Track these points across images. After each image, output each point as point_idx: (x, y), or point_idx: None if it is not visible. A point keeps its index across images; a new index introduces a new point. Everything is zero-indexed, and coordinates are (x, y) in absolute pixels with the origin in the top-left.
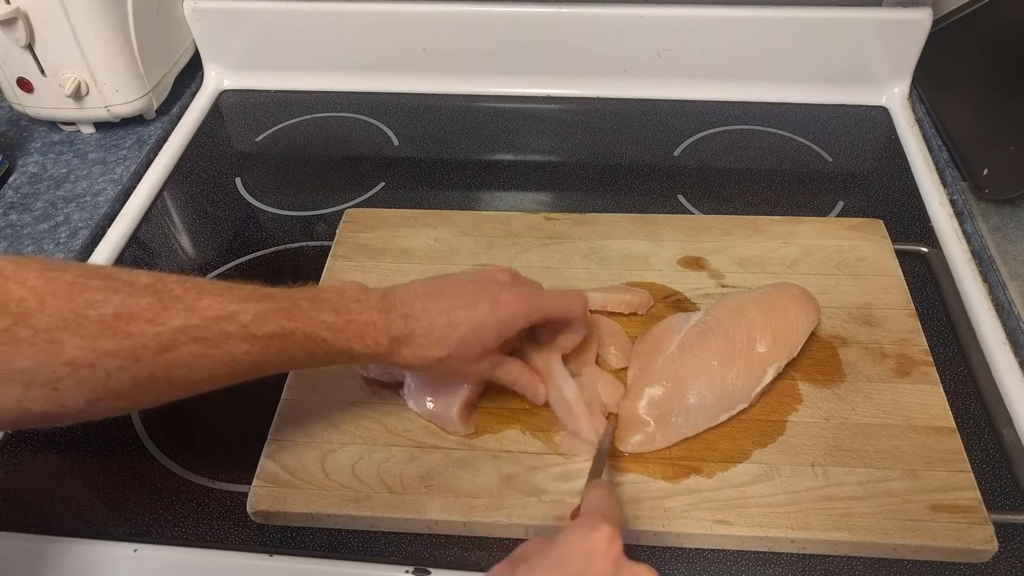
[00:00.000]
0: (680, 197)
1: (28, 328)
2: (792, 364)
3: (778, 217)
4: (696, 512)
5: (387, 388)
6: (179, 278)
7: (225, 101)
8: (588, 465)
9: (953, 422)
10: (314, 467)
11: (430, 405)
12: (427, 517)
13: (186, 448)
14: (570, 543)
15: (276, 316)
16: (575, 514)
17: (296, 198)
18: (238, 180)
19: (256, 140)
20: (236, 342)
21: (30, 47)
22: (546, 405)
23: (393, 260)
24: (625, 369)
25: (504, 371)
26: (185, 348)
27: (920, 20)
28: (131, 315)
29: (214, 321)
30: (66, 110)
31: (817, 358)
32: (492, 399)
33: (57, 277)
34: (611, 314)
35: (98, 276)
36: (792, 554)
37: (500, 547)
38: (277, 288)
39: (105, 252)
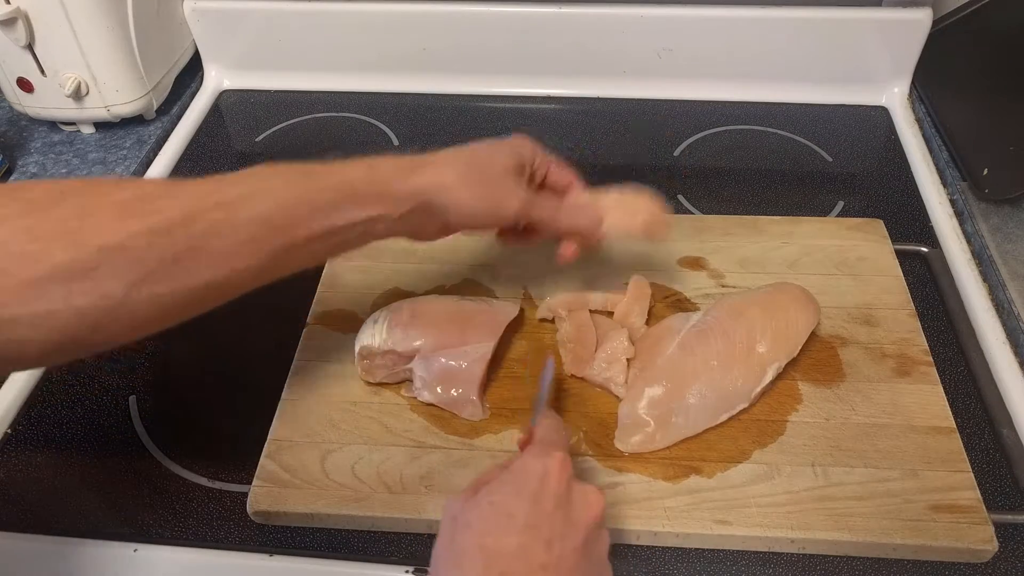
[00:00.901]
0: (680, 197)
1: (51, 220)
2: (792, 364)
3: (778, 217)
4: (696, 512)
5: (387, 388)
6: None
7: (225, 101)
8: (590, 464)
9: (953, 422)
10: (314, 467)
11: (451, 392)
12: (427, 517)
13: (186, 448)
14: (526, 467)
15: (296, 173)
16: (523, 444)
17: None
18: None
19: (256, 140)
20: (255, 203)
21: (30, 47)
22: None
23: (393, 260)
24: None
25: (541, 206)
26: (210, 215)
27: (920, 20)
28: (147, 196)
29: (230, 184)
30: (66, 110)
31: (817, 358)
32: (492, 399)
33: (66, 181)
34: (610, 314)
35: (108, 182)
36: (792, 554)
37: None
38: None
39: None
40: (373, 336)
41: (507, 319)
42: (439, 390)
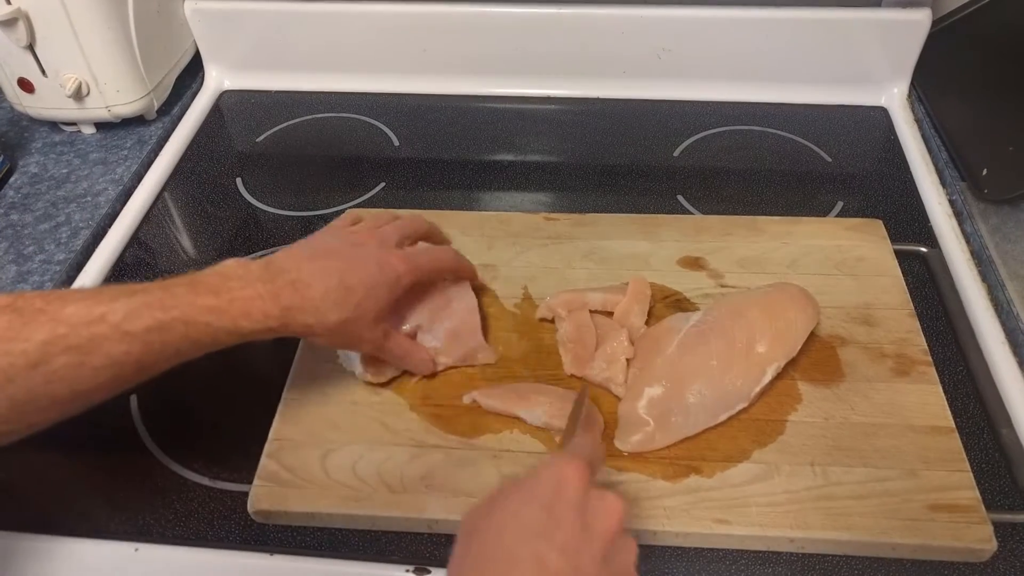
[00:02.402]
0: (680, 197)
1: None
2: (791, 364)
3: (778, 217)
4: (696, 511)
5: (387, 388)
6: (41, 293)
7: (226, 101)
8: None
9: (952, 422)
10: (314, 466)
11: (463, 346)
12: (427, 516)
13: (187, 447)
14: (541, 475)
15: (149, 309)
16: None
17: (297, 198)
18: (239, 180)
19: (257, 140)
20: (112, 343)
21: (31, 47)
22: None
23: None
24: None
25: (394, 343)
26: (58, 360)
27: (920, 20)
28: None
29: (83, 326)
30: (67, 110)
31: (816, 358)
32: None
33: None
34: (610, 314)
35: None
36: (791, 553)
37: None
38: (154, 282)
39: (106, 252)
40: None
41: (465, 261)
42: (453, 350)
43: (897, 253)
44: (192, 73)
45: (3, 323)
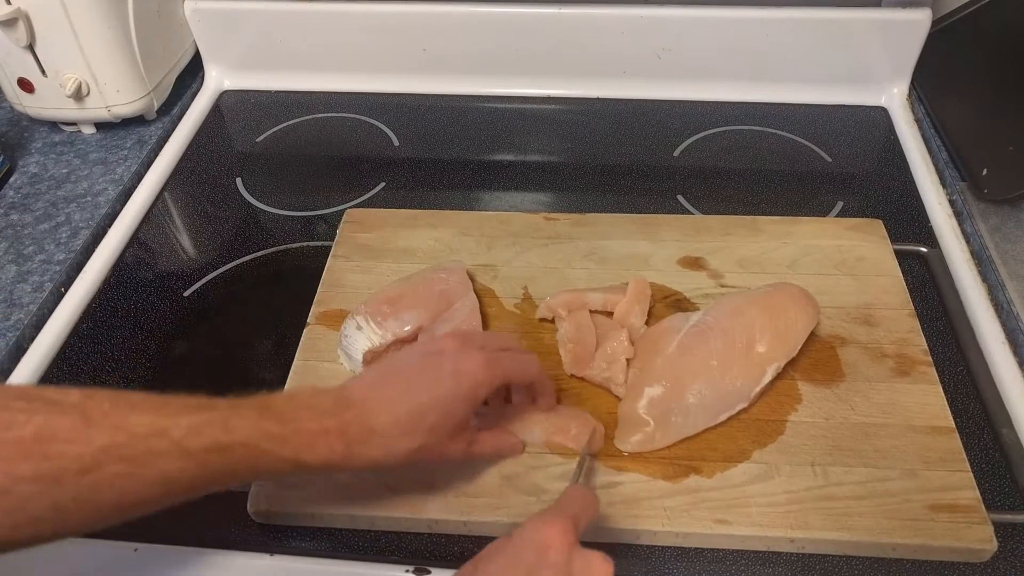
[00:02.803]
0: (680, 197)
1: None
2: (791, 364)
3: (777, 217)
4: (696, 511)
5: None
6: (111, 394)
7: (226, 101)
8: (590, 464)
9: (952, 422)
10: None
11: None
12: (427, 516)
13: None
14: (524, 537)
15: (212, 429)
16: None
17: (297, 198)
18: (239, 180)
19: (257, 140)
20: (168, 459)
21: (31, 47)
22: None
23: (394, 260)
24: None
25: (481, 447)
26: (110, 468)
27: (920, 20)
28: (52, 436)
29: (142, 438)
30: (67, 110)
31: (816, 358)
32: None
33: None
34: (610, 314)
35: (24, 398)
36: (792, 554)
37: None
38: (224, 398)
39: (106, 252)
40: (370, 339)
41: (463, 267)
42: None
43: (897, 253)
44: (192, 73)
45: (67, 423)
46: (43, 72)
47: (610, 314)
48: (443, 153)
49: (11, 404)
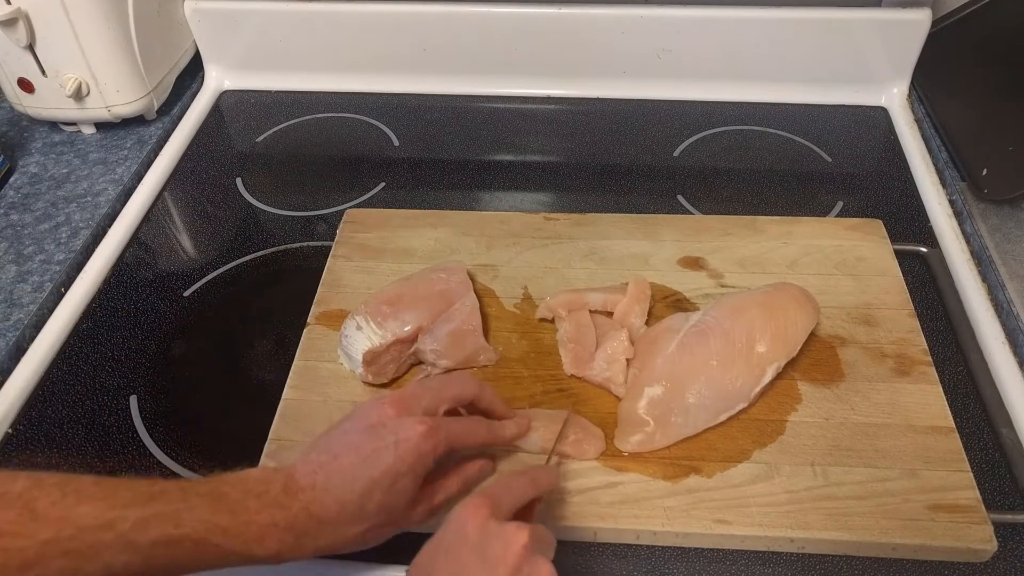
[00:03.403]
0: (680, 197)
1: None
2: (791, 364)
3: (777, 217)
4: (696, 511)
5: (387, 388)
6: (60, 480)
7: (226, 101)
8: (590, 464)
9: (952, 422)
10: None
11: (464, 349)
12: None
13: (187, 447)
14: (447, 520)
15: (161, 522)
16: None
17: (297, 198)
18: (239, 180)
19: (257, 140)
20: (114, 553)
21: (31, 47)
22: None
23: (393, 260)
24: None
25: (445, 494)
26: (53, 563)
27: (920, 20)
28: None
29: (89, 531)
30: (67, 110)
31: (816, 358)
32: None
33: None
34: (610, 314)
35: None
36: (792, 554)
37: None
38: (175, 483)
39: (106, 252)
40: (370, 339)
41: (463, 267)
42: (454, 352)
43: (897, 253)
44: (192, 73)
45: (11, 517)
46: (43, 72)
47: (610, 314)
48: (443, 153)
49: None
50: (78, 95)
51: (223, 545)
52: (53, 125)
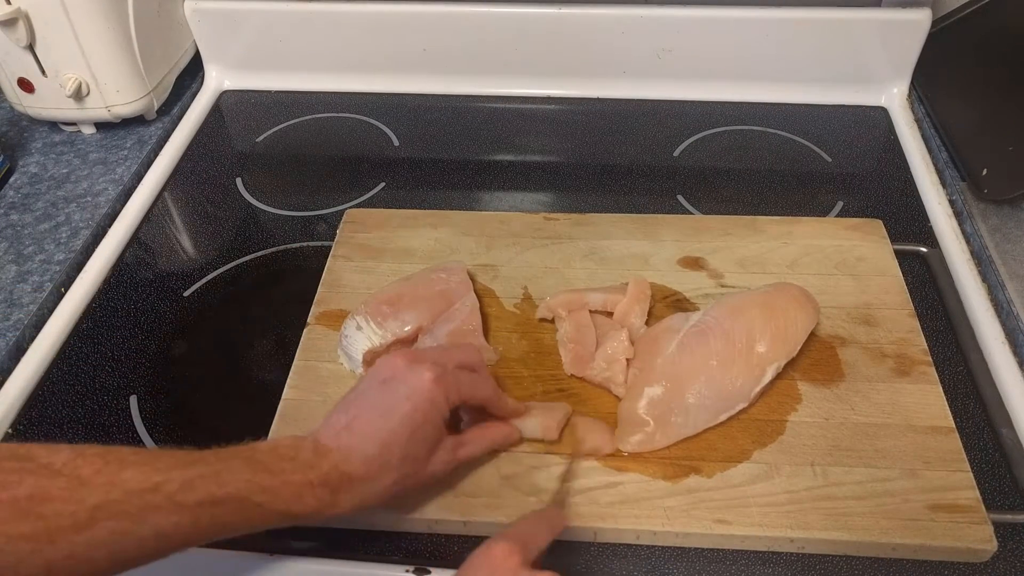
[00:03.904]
0: (680, 197)
1: None
2: (791, 364)
3: (777, 217)
4: (696, 511)
5: None
6: (101, 450)
7: (226, 101)
8: (590, 464)
9: (952, 422)
10: None
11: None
12: (427, 516)
13: (187, 447)
14: (472, 562)
15: (205, 482)
16: None
17: (297, 198)
18: (239, 180)
19: (257, 140)
20: (163, 514)
21: (31, 47)
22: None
23: (394, 260)
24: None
25: (468, 450)
26: (105, 525)
27: (920, 20)
28: (45, 496)
29: (136, 494)
30: (67, 110)
31: (816, 358)
32: None
33: None
34: (610, 314)
35: (14, 458)
36: (792, 554)
37: None
38: (210, 451)
39: (106, 252)
40: (370, 338)
41: (463, 267)
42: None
43: (897, 253)
44: (192, 73)
45: (60, 484)
46: (43, 72)
47: (610, 314)
48: (443, 153)
49: (2, 465)
50: (78, 95)
51: (265, 504)
52: (53, 125)
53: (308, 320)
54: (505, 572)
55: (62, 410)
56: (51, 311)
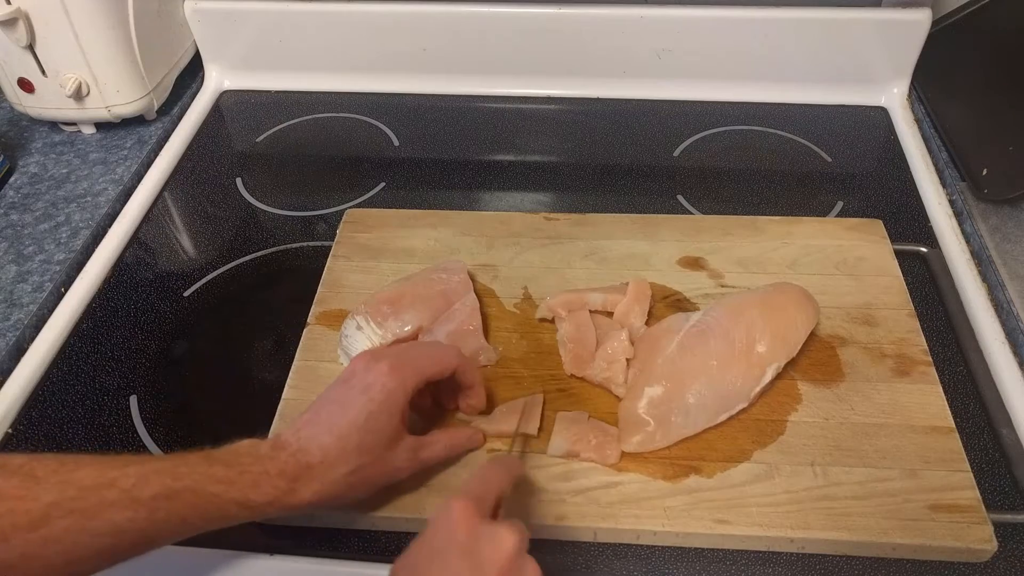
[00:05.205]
0: (680, 197)
1: None
2: (791, 364)
3: (777, 217)
4: (696, 511)
5: None
6: (57, 455)
7: (226, 101)
8: (587, 465)
9: (952, 422)
10: None
11: (466, 348)
12: (427, 516)
13: (187, 447)
14: (432, 523)
15: (160, 476)
16: None
17: (296, 198)
18: (239, 180)
19: (256, 140)
20: (117, 509)
21: (31, 47)
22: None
23: (394, 260)
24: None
25: (432, 451)
26: (59, 522)
27: (920, 20)
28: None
29: (92, 490)
30: (67, 110)
31: (816, 358)
32: (493, 399)
33: None
34: (610, 314)
35: None
36: (792, 554)
37: None
38: (167, 454)
39: (106, 252)
40: (370, 339)
41: (464, 267)
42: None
43: (897, 253)
44: (192, 73)
45: (15, 482)
46: (43, 72)
47: (610, 314)
48: (443, 153)
49: None
50: (78, 95)
51: (221, 495)
52: (53, 125)
53: (308, 320)
54: (463, 529)
55: (62, 410)
56: (51, 311)
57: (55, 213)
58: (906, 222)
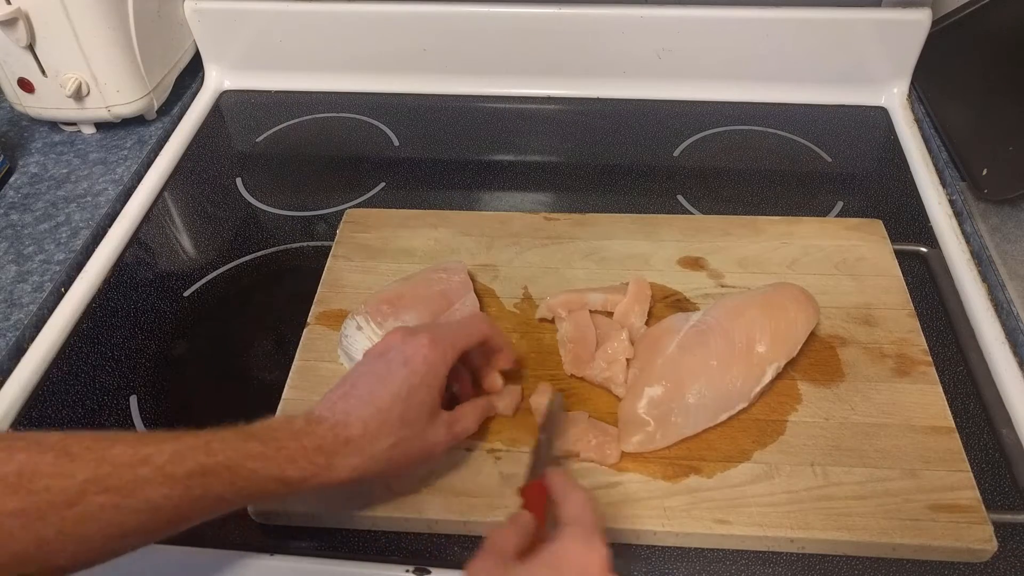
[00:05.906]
0: (680, 197)
1: None
2: (791, 364)
3: (777, 217)
4: (696, 511)
5: None
6: (91, 433)
7: (226, 101)
8: (587, 465)
9: (952, 422)
10: None
11: None
12: (427, 516)
13: None
14: (569, 556)
15: (195, 453)
16: (527, 496)
17: (296, 198)
18: (239, 180)
19: (256, 140)
20: (153, 487)
21: (31, 47)
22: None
23: (393, 260)
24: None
25: (464, 425)
26: (95, 499)
27: (920, 20)
28: (35, 472)
29: (127, 467)
30: (67, 110)
31: (816, 358)
32: None
33: None
34: (610, 314)
35: (3, 439)
36: (792, 554)
37: None
38: (203, 429)
39: (106, 252)
40: (370, 339)
41: (464, 267)
42: None
43: (897, 253)
44: (192, 73)
45: (50, 459)
46: (43, 72)
47: (610, 314)
48: (443, 153)
49: None
50: (78, 95)
51: (257, 470)
52: (53, 125)
53: (308, 320)
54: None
55: (62, 410)
56: (51, 311)
57: (55, 213)
58: (906, 222)
